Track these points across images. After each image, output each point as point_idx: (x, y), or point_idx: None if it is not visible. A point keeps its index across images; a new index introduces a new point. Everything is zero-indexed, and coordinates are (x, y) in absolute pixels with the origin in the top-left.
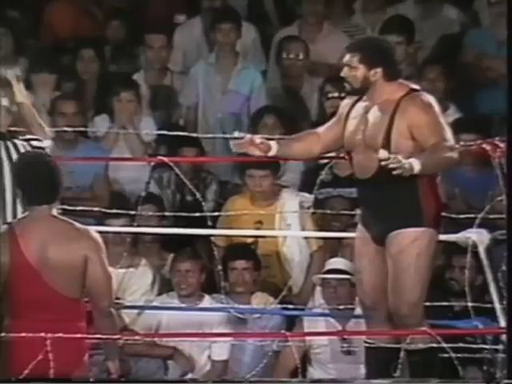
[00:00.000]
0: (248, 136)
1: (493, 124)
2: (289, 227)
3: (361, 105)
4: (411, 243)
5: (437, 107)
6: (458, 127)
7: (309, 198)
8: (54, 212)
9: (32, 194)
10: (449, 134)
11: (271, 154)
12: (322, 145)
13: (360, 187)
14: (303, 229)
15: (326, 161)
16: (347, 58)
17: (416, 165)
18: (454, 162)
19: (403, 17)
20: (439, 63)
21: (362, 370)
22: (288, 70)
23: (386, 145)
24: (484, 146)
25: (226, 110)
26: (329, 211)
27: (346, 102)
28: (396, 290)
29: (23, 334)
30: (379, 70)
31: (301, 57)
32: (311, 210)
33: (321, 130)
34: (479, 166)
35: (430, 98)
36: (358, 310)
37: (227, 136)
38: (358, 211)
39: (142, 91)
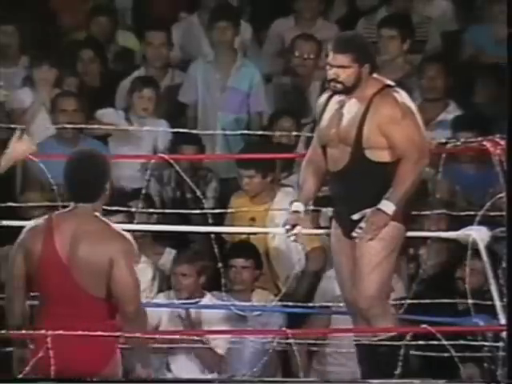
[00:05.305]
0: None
1: (493, 121)
2: (277, 226)
3: (336, 99)
4: (377, 237)
5: (409, 105)
6: (458, 124)
7: None
8: (96, 211)
9: (74, 191)
10: (420, 133)
11: (303, 211)
12: (321, 158)
13: (332, 181)
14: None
15: None
16: (339, 59)
17: (389, 209)
18: (425, 167)
19: (401, 13)
20: (439, 60)
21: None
22: (297, 68)
23: (359, 140)
24: (484, 143)
25: (225, 108)
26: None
27: (322, 99)
28: (356, 282)
29: (60, 332)
30: (367, 66)
31: (311, 56)
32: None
33: (309, 151)
34: (479, 164)
35: (403, 96)
36: None
37: (227, 133)
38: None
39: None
